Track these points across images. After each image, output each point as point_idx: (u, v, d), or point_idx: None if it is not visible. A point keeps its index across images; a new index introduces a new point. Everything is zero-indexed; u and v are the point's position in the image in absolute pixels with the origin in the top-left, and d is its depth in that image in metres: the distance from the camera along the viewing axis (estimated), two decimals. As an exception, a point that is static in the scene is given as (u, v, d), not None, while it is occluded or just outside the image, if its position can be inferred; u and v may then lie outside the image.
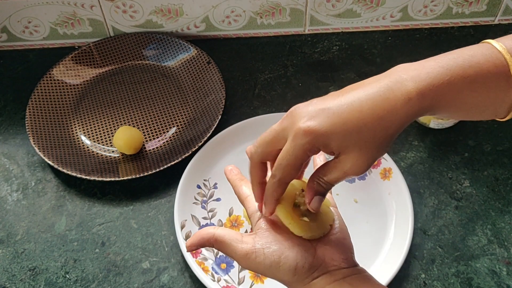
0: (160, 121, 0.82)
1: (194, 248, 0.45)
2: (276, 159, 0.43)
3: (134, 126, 0.81)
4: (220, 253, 0.67)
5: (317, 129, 0.39)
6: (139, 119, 0.82)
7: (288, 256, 0.43)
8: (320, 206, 0.44)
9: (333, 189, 0.48)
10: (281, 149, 0.42)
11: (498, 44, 0.41)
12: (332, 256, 0.44)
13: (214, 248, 0.47)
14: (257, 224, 0.46)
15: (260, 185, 0.46)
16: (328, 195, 0.48)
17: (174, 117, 0.82)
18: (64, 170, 0.73)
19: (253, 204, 0.48)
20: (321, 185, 0.43)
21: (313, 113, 0.40)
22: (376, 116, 0.39)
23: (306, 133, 0.40)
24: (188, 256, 0.65)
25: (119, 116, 0.83)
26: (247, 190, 0.50)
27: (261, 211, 0.47)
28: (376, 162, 0.73)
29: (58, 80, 0.86)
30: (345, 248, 0.45)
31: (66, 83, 0.86)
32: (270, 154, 0.44)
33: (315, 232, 0.45)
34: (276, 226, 0.46)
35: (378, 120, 0.39)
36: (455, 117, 0.43)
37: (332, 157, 0.42)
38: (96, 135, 0.81)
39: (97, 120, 0.82)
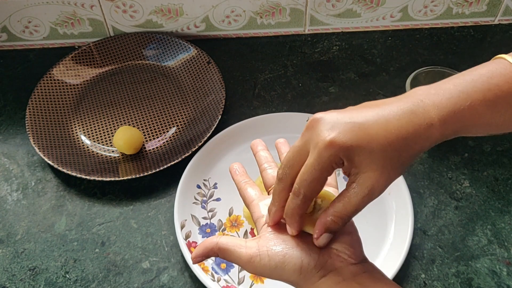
0: (160, 121, 0.82)
1: (200, 260, 0.44)
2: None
3: (134, 126, 0.81)
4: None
5: (343, 141, 0.38)
6: (139, 119, 0.82)
7: (292, 255, 0.42)
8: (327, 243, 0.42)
9: (331, 189, 0.48)
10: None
11: None
12: (339, 251, 0.42)
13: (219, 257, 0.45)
14: (262, 229, 0.46)
15: (283, 207, 0.43)
16: (332, 189, 0.48)
17: (174, 117, 0.82)
18: (64, 170, 0.73)
19: (259, 209, 0.47)
20: (335, 222, 0.41)
21: (336, 125, 0.39)
22: (401, 137, 0.38)
23: (331, 144, 0.38)
24: (187, 256, 0.65)
25: (119, 116, 0.83)
26: (253, 193, 0.49)
27: (273, 223, 0.45)
28: None
29: (58, 80, 0.86)
30: (352, 242, 0.43)
31: (66, 83, 0.86)
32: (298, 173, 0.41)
33: None
34: (280, 228, 0.45)
35: (403, 140, 0.38)
36: (482, 134, 0.43)
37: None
38: (96, 135, 0.81)
39: (97, 120, 0.82)
